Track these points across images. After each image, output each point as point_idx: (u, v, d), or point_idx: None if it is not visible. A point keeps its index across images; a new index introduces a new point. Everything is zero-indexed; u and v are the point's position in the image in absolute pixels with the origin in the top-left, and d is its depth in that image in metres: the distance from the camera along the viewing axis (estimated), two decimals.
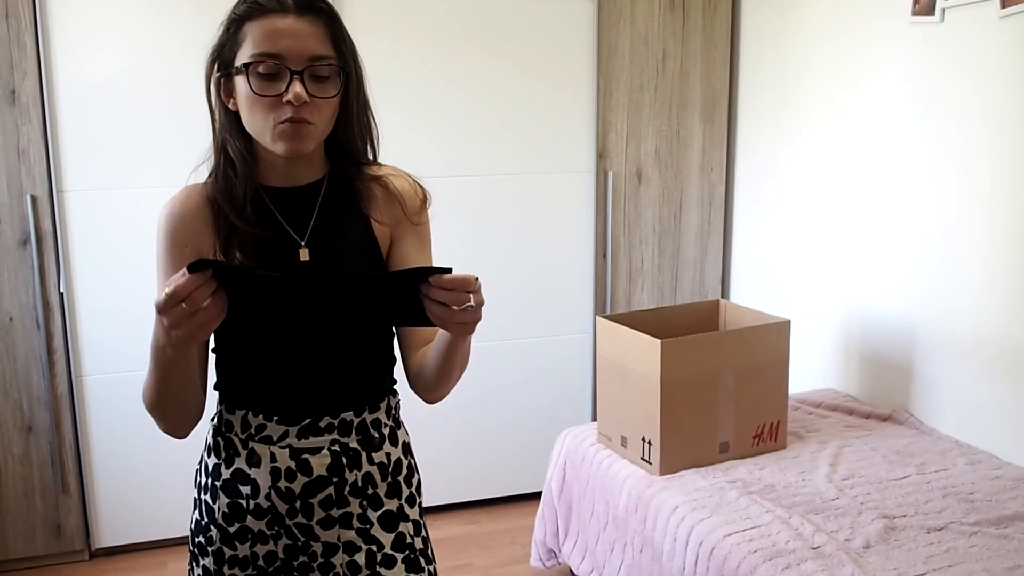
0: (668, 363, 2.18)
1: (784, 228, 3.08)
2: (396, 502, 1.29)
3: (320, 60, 1.14)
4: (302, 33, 1.13)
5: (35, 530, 2.76)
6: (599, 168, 3.12)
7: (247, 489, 1.24)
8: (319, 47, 1.15)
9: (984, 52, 2.27)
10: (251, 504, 1.24)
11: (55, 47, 2.56)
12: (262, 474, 1.23)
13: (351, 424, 1.25)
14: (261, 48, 1.13)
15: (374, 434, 1.27)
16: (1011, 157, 2.23)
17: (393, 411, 1.32)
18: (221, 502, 1.26)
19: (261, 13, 1.14)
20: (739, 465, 2.25)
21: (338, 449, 1.24)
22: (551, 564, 2.62)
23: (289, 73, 1.13)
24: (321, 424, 1.24)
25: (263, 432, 1.24)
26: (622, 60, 3.08)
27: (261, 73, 1.13)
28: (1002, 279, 2.28)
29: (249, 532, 1.25)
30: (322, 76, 1.15)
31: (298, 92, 1.12)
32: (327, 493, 1.23)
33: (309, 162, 1.23)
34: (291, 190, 1.23)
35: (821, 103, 2.86)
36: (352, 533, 1.25)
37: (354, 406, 1.26)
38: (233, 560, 1.26)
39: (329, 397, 1.24)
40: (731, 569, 1.83)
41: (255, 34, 1.14)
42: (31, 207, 2.60)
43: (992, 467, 2.21)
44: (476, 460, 3.15)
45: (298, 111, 1.13)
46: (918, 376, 2.55)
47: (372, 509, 1.27)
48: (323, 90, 1.15)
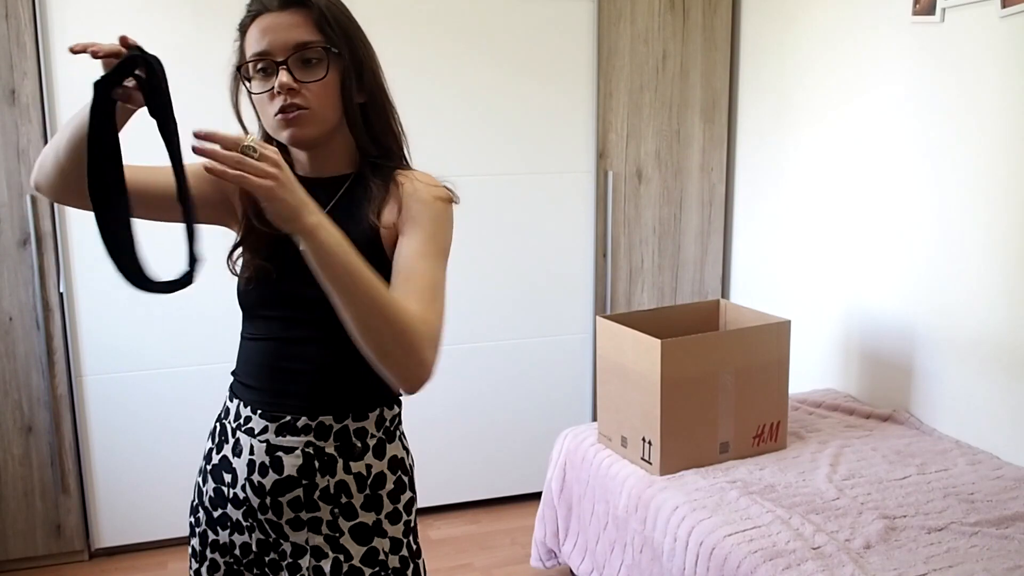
0: (668, 363, 2.18)
1: (784, 228, 3.08)
2: (373, 516, 1.25)
3: (305, 46, 1.17)
4: (284, 25, 1.17)
5: (35, 530, 2.76)
6: (599, 168, 3.12)
7: (229, 477, 1.26)
8: (303, 34, 1.17)
9: (984, 52, 2.27)
10: (231, 492, 1.26)
11: (55, 47, 2.56)
12: (241, 465, 1.25)
13: (329, 429, 1.23)
14: (252, 49, 1.19)
15: (356, 443, 1.24)
16: (1011, 157, 2.22)
17: (387, 423, 1.28)
18: (208, 486, 1.30)
19: (252, 18, 1.20)
20: (739, 465, 2.25)
21: (312, 452, 1.22)
22: (551, 564, 2.62)
23: (276, 66, 1.17)
24: (298, 424, 1.23)
25: (248, 424, 1.26)
26: (622, 60, 3.08)
27: (257, 73, 1.19)
28: (1002, 279, 2.28)
29: (229, 520, 1.27)
30: (308, 59, 1.17)
31: (282, 80, 1.15)
32: (296, 494, 1.22)
33: (332, 154, 1.25)
34: (315, 180, 1.25)
35: (821, 103, 2.86)
36: (320, 539, 1.24)
37: (335, 411, 1.23)
38: (215, 544, 1.30)
39: (307, 398, 1.23)
40: (731, 569, 1.83)
41: (249, 38, 1.20)
42: (31, 207, 2.60)
43: (992, 467, 2.20)
44: (476, 460, 3.15)
45: (288, 98, 1.16)
46: (918, 376, 2.55)
47: (344, 518, 1.24)
48: (311, 73, 1.17)
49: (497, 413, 3.13)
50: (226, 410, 1.31)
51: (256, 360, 1.28)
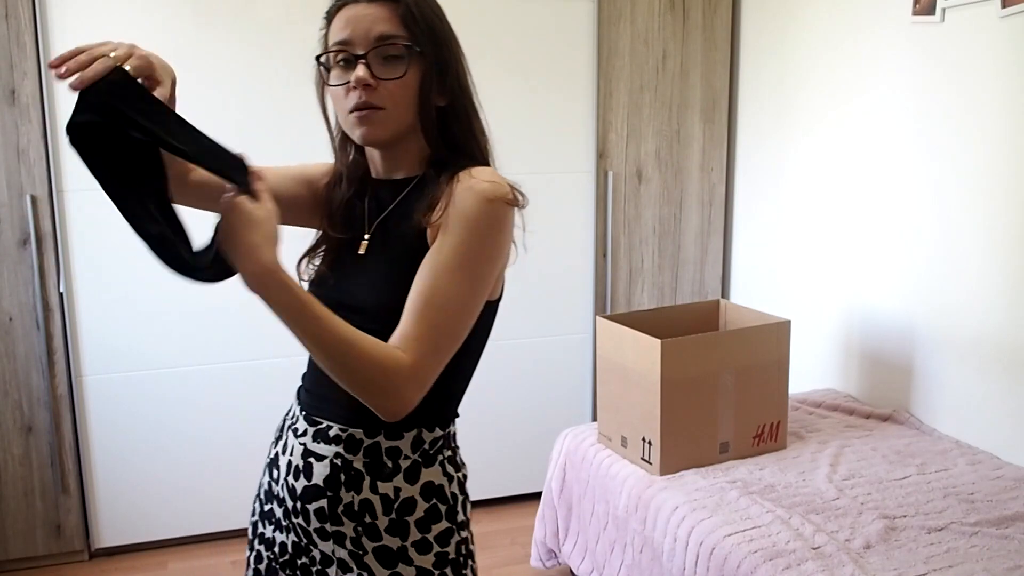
0: (668, 363, 2.18)
1: (784, 228, 3.08)
2: (398, 541, 1.18)
3: (386, 40, 1.12)
4: (368, 17, 1.12)
5: (35, 530, 2.76)
6: (599, 168, 3.12)
7: (276, 473, 1.26)
8: (386, 27, 1.12)
9: (984, 52, 2.27)
10: (275, 489, 1.25)
11: (55, 47, 2.55)
12: (283, 464, 1.24)
13: (360, 443, 1.18)
14: (334, 38, 1.15)
15: (386, 462, 1.18)
16: (1011, 157, 2.22)
17: (425, 446, 1.20)
18: (264, 479, 1.29)
19: (339, 7, 1.16)
20: (739, 465, 2.25)
21: (339, 464, 1.18)
22: (551, 564, 2.62)
23: (355, 60, 1.12)
24: (331, 433, 1.20)
25: (295, 424, 1.25)
26: (622, 60, 3.08)
27: (335, 63, 1.15)
28: (1002, 279, 2.28)
29: (273, 516, 1.26)
30: (390, 56, 1.12)
31: (359, 75, 1.10)
32: (320, 504, 1.19)
33: (406, 155, 1.20)
34: (385, 182, 1.23)
35: (821, 103, 2.86)
36: (345, 552, 1.19)
37: (366, 425, 1.17)
38: (261, 537, 1.29)
39: (343, 407, 1.18)
40: (731, 569, 1.83)
41: (333, 27, 1.16)
42: (31, 207, 2.60)
43: (992, 467, 2.20)
44: (476, 460, 3.11)
45: (364, 96, 1.11)
46: (918, 376, 2.55)
47: (368, 538, 1.18)
48: (391, 71, 1.12)
49: (497, 413, 3.13)
50: (290, 407, 1.31)
51: (310, 362, 1.27)
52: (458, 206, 1.10)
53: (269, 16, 2.72)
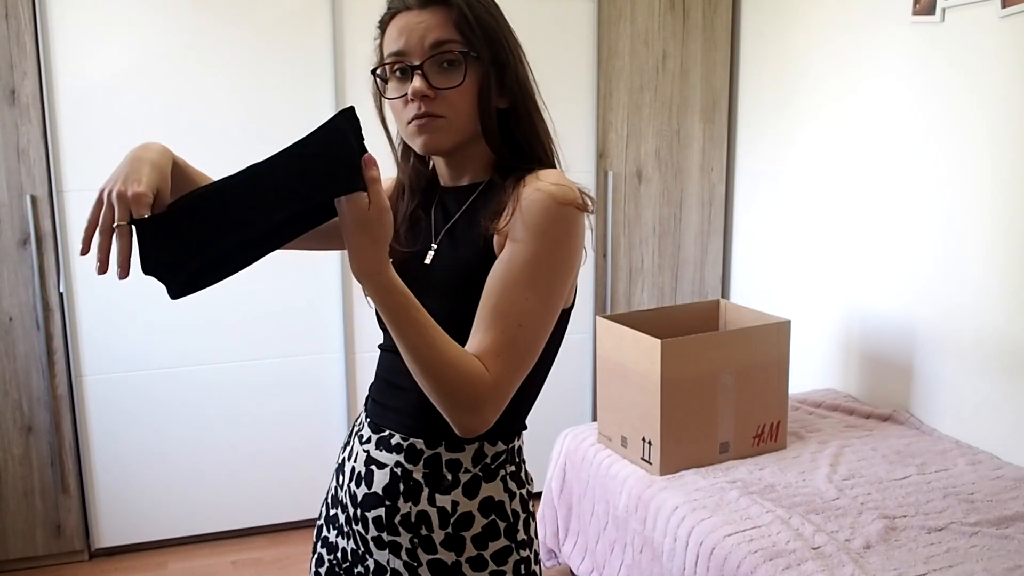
0: (668, 363, 2.18)
1: (784, 228, 3.08)
2: (453, 556, 1.15)
3: (441, 46, 1.09)
4: (422, 24, 1.10)
5: (35, 530, 2.76)
6: (599, 168, 3.12)
7: (341, 479, 1.25)
8: (440, 34, 1.10)
9: (984, 52, 2.27)
10: (340, 494, 1.25)
11: (55, 47, 2.56)
12: (348, 469, 1.24)
13: (420, 454, 1.16)
14: (389, 48, 1.13)
15: (446, 475, 1.15)
16: (1011, 157, 2.22)
17: (487, 459, 1.17)
18: (331, 483, 1.29)
19: (391, 16, 1.14)
20: (739, 465, 2.25)
21: (399, 473, 1.16)
22: (551, 564, 2.62)
23: (412, 71, 1.10)
24: (392, 441, 1.18)
25: (361, 430, 1.25)
26: (622, 60, 3.08)
27: (393, 74, 1.13)
28: (1002, 279, 2.28)
29: (337, 521, 1.26)
30: (447, 63, 1.10)
31: (416, 87, 1.09)
32: (378, 513, 1.17)
33: (471, 161, 1.18)
34: (452, 190, 1.21)
35: (821, 103, 2.86)
36: (400, 563, 1.17)
37: (427, 436, 1.16)
38: (324, 540, 1.29)
39: (407, 416, 1.18)
40: (731, 569, 1.83)
41: (387, 37, 1.14)
42: (31, 207, 2.60)
43: (992, 467, 2.20)
44: None
45: (423, 106, 1.09)
46: (918, 376, 2.55)
47: (423, 551, 1.15)
48: (448, 79, 1.10)
49: None
50: (359, 414, 1.30)
51: (378, 370, 1.27)
52: (526, 212, 1.07)
53: (269, 16, 2.71)
